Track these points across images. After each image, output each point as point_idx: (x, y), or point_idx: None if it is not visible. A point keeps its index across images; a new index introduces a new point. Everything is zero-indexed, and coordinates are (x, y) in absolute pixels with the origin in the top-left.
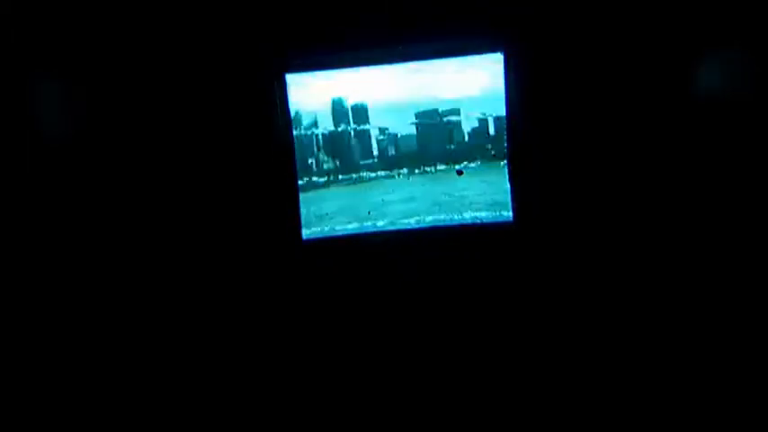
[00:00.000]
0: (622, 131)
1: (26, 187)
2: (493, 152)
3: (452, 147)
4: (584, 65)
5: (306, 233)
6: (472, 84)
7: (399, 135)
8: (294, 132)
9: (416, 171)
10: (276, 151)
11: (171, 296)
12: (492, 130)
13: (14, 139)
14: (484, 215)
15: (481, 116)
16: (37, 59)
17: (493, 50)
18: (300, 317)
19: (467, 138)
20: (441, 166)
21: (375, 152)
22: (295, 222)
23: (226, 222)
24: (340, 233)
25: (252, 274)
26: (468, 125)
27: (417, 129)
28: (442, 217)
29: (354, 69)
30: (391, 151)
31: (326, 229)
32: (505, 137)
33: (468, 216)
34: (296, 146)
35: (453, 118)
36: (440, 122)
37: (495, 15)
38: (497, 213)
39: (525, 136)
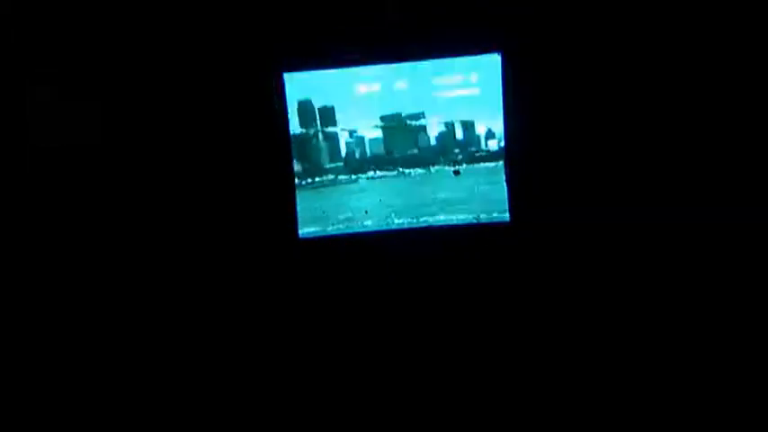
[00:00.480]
0: (620, 132)
1: (24, 185)
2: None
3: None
4: (581, 66)
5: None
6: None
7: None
8: None
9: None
10: (273, 149)
11: (168, 292)
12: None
13: (13, 138)
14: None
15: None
16: (34, 58)
17: (491, 51)
18: (296, 313)
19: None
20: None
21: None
22: (291, 220)
23: (223, 219)
24: (337, 232)
25: (249, 270)
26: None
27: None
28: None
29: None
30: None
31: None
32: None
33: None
34: None
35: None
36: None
37: (494, 16)
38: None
39: (522, 137)
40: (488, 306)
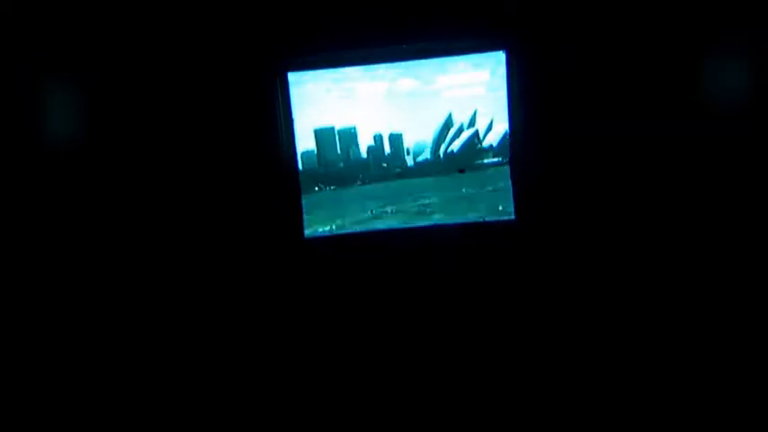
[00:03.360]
0: (625, 130)
1: (26, 189)
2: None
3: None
4: (587, 64)
5: None
6: None
7: None
8: None
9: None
10: (278, 149)
11: (177, 292)
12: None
13: (13, 140)
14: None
15: None
16: (34, 57)
17: (495, 49)
18: (301, 313)
19: None
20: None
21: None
22: (296, 220)
23: (229, 220)
24: (341, 232)
25: (255, 271)
26: None
27: None
28: None
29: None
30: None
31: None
32: None
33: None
34: None
35: None
36: None
37: (498, 13)
38: None
39: (527, 135)
40: (495, 301)
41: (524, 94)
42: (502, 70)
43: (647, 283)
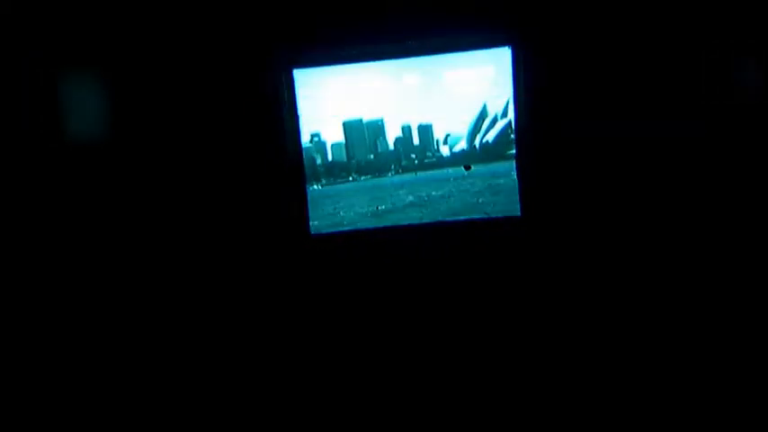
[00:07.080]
0: (629, 129)
1: (39, 188)
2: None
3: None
4: (592, 60)
5: None
6: None
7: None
8: None
9: None
10: (284, 147)
11: (188, 288)
12: None
13: (18, 139)
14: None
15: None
16: (40, 58)
17: (500, 45)
18: (307, 306)
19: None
20: None
21: None
22: (303, 217)
23: (238, 217)
24: (348, 228)
25: (263, 267)
26: None
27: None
28: None
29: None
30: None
31: None
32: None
33: None
34: None
35: None
36: None
37: (504, 10)
38: None
39: (532, 132)
40: (500, 295)
41: (529, 91)
42: None
43: (648, 277)
